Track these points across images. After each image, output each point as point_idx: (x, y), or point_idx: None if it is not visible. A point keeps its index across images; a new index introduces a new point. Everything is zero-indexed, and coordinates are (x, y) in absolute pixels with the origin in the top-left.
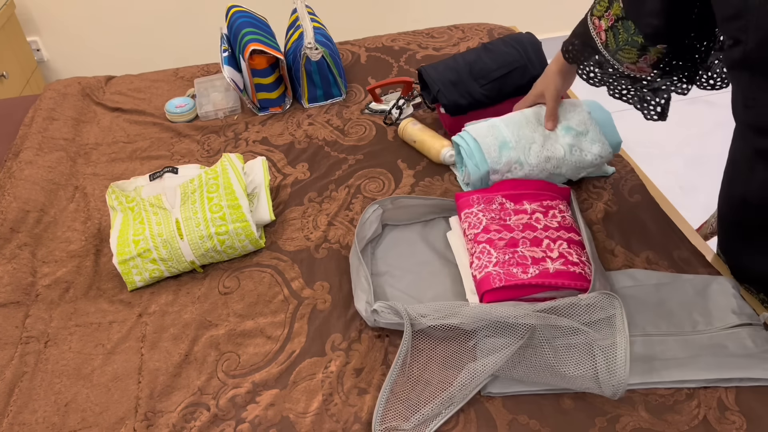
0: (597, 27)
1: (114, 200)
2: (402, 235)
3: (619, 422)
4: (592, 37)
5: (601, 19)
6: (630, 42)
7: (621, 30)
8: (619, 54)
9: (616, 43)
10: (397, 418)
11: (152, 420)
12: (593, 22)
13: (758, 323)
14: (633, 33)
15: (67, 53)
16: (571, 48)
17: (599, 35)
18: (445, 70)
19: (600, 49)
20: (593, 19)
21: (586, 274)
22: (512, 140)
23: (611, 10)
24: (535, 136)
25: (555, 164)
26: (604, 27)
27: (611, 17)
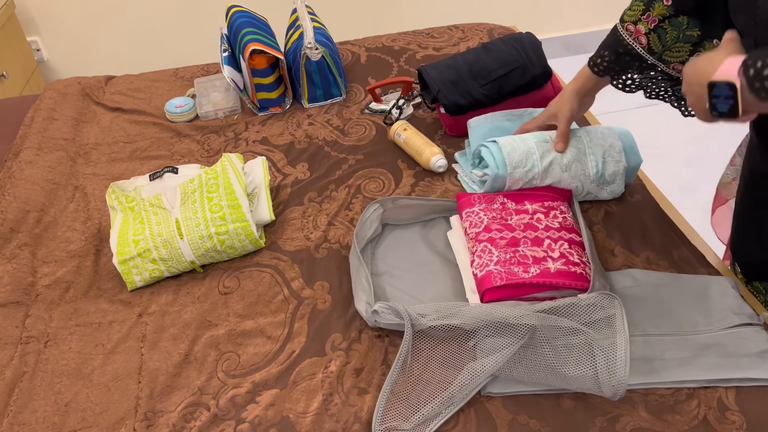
0: (634, 33)
1: (114, 200)
2: (402, 234)
3: (619, 422)
4: (629, 44)
5: (638, 23)
6: (683, 38)
7: (669, 29)
8: (667, 54)
9: (662, 44)
10: (397, 418)
11: (152, 420)
12: (627, 29)
13: (758, 323)
14: (685, 28)
15: (67, 53)
16: (601, 61)
17: (638, 40)
18: (445, 69)
19: (642, 54)
20: (626, 25)
21: (586, 275)
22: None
23: (652, 12)
24: (563, 177)
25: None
26: (644, 31)
27: (653, 19)
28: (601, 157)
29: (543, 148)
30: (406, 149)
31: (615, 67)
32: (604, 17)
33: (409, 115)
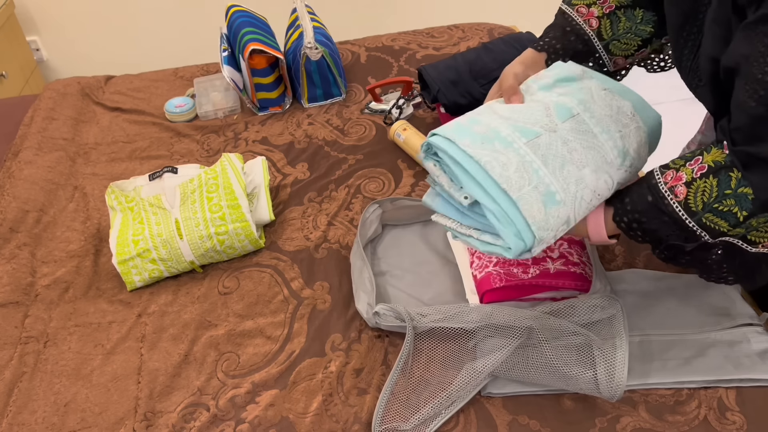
0: (586, 14)
1: (113, 200)
2: (402, 235)
3: (620, 422)
4: (578, 24)
5: (591, 6)
6: (634, 30)
7: (623, 18)
8: (614, 45)
9: (612, 32)
10: (396, 418)
11: (152, 420)
12: (578, 11)
13: (758, 323)
14: (639, 22)
15: (67, 53)
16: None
17: (588, 22)
18: (445, 69)
19: (590, 35)
20: (578, 7)
21: (586, 275)
22: (559, 189)
23: None
24: (584, 175)
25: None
26: (597, 14)
27: (609, 5)
28: (616, 130)
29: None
30: (406, 149)
31: (556, 45)
32: None
33: (409, 115)
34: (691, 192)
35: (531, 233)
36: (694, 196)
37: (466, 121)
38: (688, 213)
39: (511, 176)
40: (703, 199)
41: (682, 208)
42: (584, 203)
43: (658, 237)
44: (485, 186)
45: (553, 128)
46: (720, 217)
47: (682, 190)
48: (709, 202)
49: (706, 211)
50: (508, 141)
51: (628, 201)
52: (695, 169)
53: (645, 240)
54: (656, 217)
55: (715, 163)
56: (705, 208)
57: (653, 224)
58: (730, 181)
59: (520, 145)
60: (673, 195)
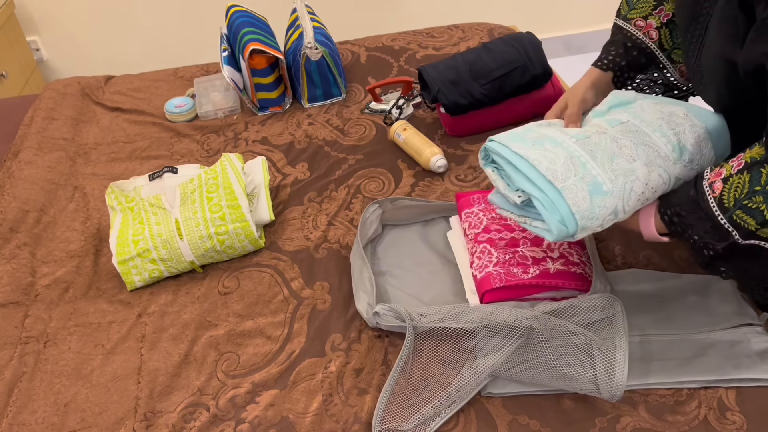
0: (644, 27)
1: (113, 200)
2: (402, 235)
3: (620, 422)
4: (638, 38)
5: (648, 18)
6: None
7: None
8: (676, 52)
9: (673, 41)
10: (396, 418)
11: (152, 420)
12: (635, 24)
13: (758, 323)
14: None
15: (67, 53)
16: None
17: (648, 35)
18: (445, 69)
19: (652, 48)
20: (634, 21)
21: (586, 275)
22: (606, 180)
23: (666, 7)
24: (635, 168)
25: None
26: (655, 25)
27: (666, 14)
28: (668, 128)
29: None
30: (406, 149)
31: (621, 63)
32: (604, 17)
33: (409, 115)
34: (726, 188)
35: (574, 220)
36: (728, 192)
37: (521, 130)
38: (721, 209)
39: (557, 169)
40: (735, 195)
41: (716, 203)
42: (634, 195)
43: (692, 235)
44: (533, 179)
45: (603, 131)
46: (749, 215)
47: (719, 185)
48: (740, 198)
49: (737, 208)
50: (557, 141)
51: (673, 194)
52: (735, 165)
53: (684, 238)
54: (694, 212)
55: (752, 159)
56: (736, 205)
57: (691, 219)
58: (760, 177)
59: (570, 144)
60: (711, 190)
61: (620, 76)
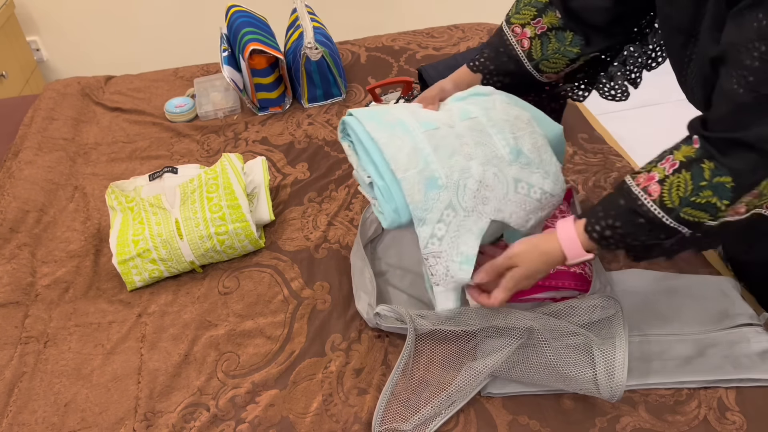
0: (519, 35)
1: (113, 200)
2: (402, 235)
3: (620, 422)
4: (511, 44)
5: (525, 27)
6: (562, 51)
7: (553, 39)
8: (544, 64)
9: (542, 53)
10: (396, 419)
11: (152, 420)
12: (513, 30)
13: (758, 323)
14: (569, 44)
15: (67, 53)
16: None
17: (521, 43)
18: (444, 69)
19: (521, 57)
20: (513, 27)
21: (586, 275)
22: (442, 174)
23: (543, 19)
24: (471, 166)
25: (494, 207)
26: (530, 35)
27: (542, 26)
28: (509, 131)
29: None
30: None
31: (490, 66)
32: None
33: None
34: (665, 189)
35: (408, 211)
36: (669, 192)
37: (381, 109)
38: (664, 210)
39: (401, 158)
40: (678, 194)
41: (657, 206)
42: (469, 191)
43: (635, 241)
44: (377, 163)
45: (451, 125)
46: (699, 210)
47: (655, 188)
48: (686, 196)
49: (684, 206)
50: (408, 128)
51: (599, 209)
52: (667, 166)
53: (620, 247)
54: (630, 220)
55: (687, 158)
56: (682, 203)
57: (628, 228)
58: (703, 173)
59: (418, 134)
60: (646, 194)
61: (489, 79)
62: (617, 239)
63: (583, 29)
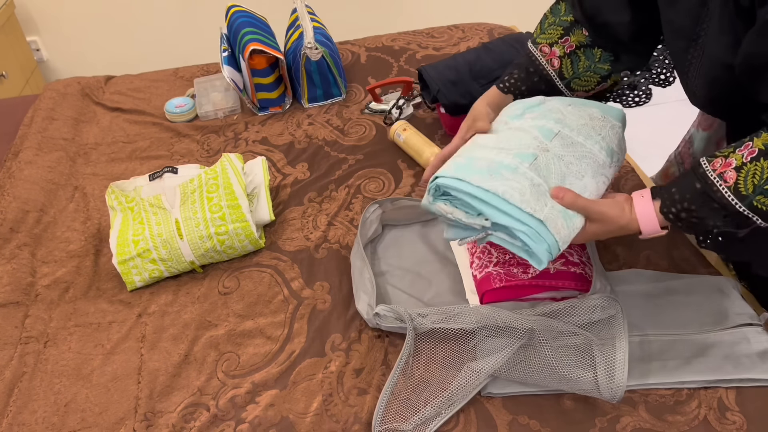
0: (548, 54)
1: (113, 200)
2: (402, 234)
3: (620, 422)
4: (541, 64)
5: (554, 46)
6: (593, 69)
7: (582, 57)
8: (575, 82)
9: (573, 71)
10: (396, 418)
11: (152, 420)
12: (541, 50)
13: (758, 323)
14: (598, 61)
15: (67, 53)
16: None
17: (551, 62)
18: (445, 69)
19: (552, 75)
20: (540, 47)
21: (586, 275)
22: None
23: (571, 38)
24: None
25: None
26: (559, 54)
27: (570, 44)
28: (596, 134)
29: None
30: (406, 149)
31: (521, 87)
32: None
33: (409, 115)
34: (741, 176)
35: (558, 247)
36: (744, 179)
37: (463, 160)
38: (738, 197)
39: (530, 200)
40: (753, 182)
41: (732, 192)
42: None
43: (708, 225)
44: (510, 212)
45: (545, 148)
46: None
47: (731, 175)
48: (760, 184)
49: (757, 194)
50: (512, 167)
51: (675, 191)
52: (745, 153)
53: (693, 230)
54: (706, 205)
55: (766, 146)
56: (756, 191)
57: (703, 212)
58: None
59: (525, 170)
60: (722, 181)
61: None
62: (693, 222)
63: (611, 45)
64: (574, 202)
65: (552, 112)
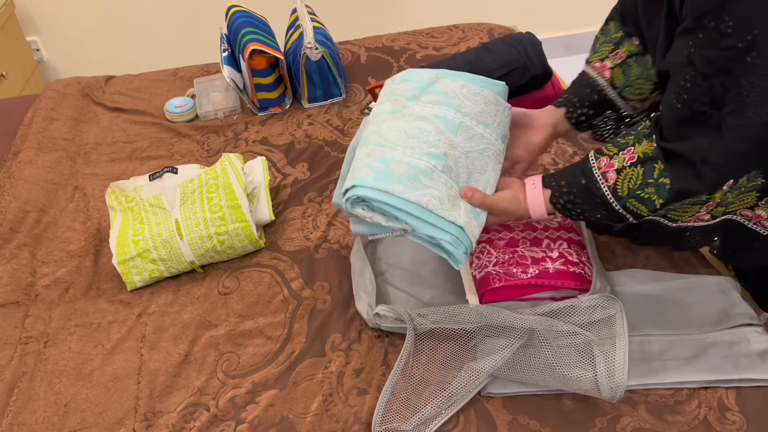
0: (599, 68)
1: (113, 200)
2: None
3: (620, 422)
4: (592, 77)
5: (605, 60)
6: (644, 75)
7: (634, 65)
8: (628, 91)
9: (625, 79)
10: (396, 418)
11: (152, 420)
12: (593, 66)
13: (758, 323)
14: (650, 67)
15: (67, 53)
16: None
17: (602, 74)
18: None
19: (604, 86)
20: (593, 63)
21: (586, 275)
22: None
23: (621, 50)
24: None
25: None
26: (610, 66)
27: (621, 56)
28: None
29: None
30: None
31: (573, 99)
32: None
33: None
34: (620, 179)
35: (472, 246)
36: (622, 182)
37: (379, 164)
38: (615, 197)
39: (448, 207)
40: (628, 186)
41: (611, 192)
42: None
43: (591, 216)
44: (434, 222)
45: (452, 144)
46: (641, 203)
47: (612, 176)
48: (633, 188)
49: (630, 197)
50: (428, 172)
51: (564, 183)
52: (627, 158)
53: (580, 218)
54: (589, 199)
55: (644, 155)
56: (629, 194)
57: (587, 205)
58: (653, 172)
59: (439, 174)
60: (604, 180)
61: (572, 112)
62: (578, 213)
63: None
64: (483, 201)
65: (449, 97)
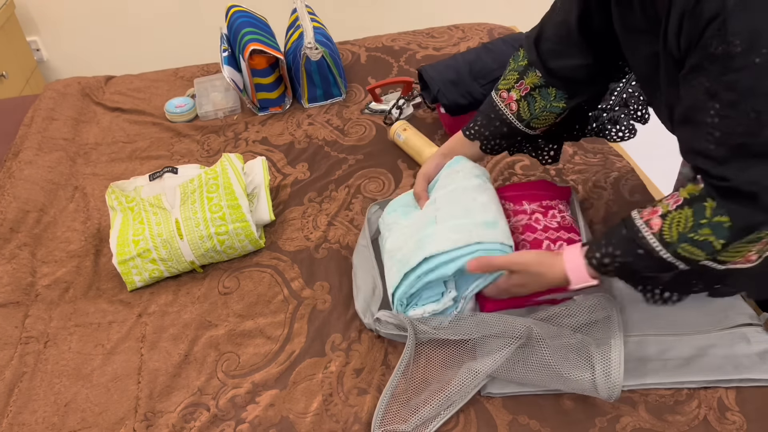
0: (506, 99)
1: (114, 200)
2: None
3: (620, 422)
4: (500, 110)
5: (511, 90)
6: (549, 108)
7: (538, 98)
8: (534, 122)
9: (530, 112)
10: (396, 420)
11: (152, 420)
12: (500, 96)
13: (758, 323)
14: (553, 99)
15: (67, 53)
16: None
17: (509, 107)
18: (445, 69)
19: (512, 120)
20: (500, 92)
21: None
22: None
23: (525, 80)
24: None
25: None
26: (516, 98)
27: (525, 87)
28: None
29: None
30: (406, 149)
31: (485, 132)
32: None
33: (409, 115)
34: (666, 223)
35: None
36: (669, 227)
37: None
38: (663, 244)
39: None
40: (678, 230)
41: (657, 239)
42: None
43: (632, 270)
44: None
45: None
46: (696, 247)
47: (657, 222)
48: (685, 232)
49: (682, 242)
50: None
51: (602, 238)
52: (671, 202)
53: (618, 275)
54: (630, 250)
55: (691, 195)
56: (681, 239)
57: (628, 257)
58: (704, 210)
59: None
60: (647, 227)
61: (486, 144)
62: (616, 267)
63: (564, 84)
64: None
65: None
